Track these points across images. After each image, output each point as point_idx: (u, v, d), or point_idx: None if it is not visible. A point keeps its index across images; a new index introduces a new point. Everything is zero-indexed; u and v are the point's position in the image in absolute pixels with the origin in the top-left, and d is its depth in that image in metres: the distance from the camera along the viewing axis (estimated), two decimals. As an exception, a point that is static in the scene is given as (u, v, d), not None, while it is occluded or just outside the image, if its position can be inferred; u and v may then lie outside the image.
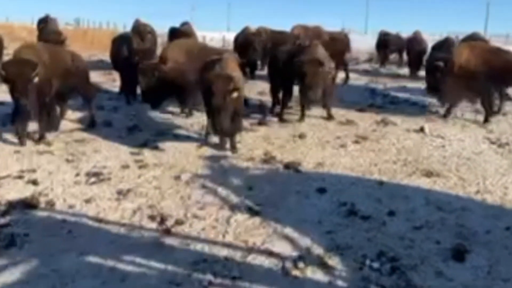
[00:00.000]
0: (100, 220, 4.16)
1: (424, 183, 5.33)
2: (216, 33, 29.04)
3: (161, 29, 13.73)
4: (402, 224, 4.27)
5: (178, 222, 4.12)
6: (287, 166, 5.68)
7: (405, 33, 16.49)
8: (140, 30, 9.09)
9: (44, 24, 12.35)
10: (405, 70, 15.03)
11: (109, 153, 6.03)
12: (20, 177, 5.08)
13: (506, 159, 6.32)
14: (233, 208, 4.47)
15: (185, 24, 12.61)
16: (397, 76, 14.55)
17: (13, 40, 16.03)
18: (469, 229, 4.18)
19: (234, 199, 4.68)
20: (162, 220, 4.16)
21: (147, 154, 6.04)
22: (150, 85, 6.85)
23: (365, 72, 15.27)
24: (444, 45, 10.78)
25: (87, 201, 4.55)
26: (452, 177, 5.55)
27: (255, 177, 5.32)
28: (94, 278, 3.24)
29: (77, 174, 5.28)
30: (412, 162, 6.06)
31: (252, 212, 4.37)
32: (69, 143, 6.38)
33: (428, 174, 5.61)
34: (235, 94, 5.55)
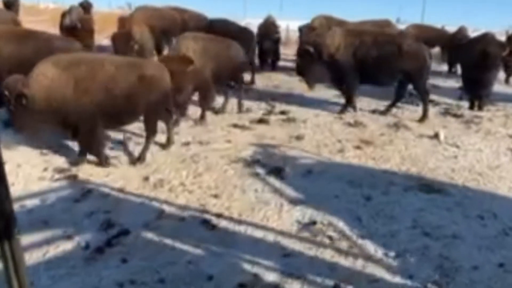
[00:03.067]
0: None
1: (420, 200, 4.72)
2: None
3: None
4: (375, 250, 3.73)
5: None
6: (270, 171, 5.21)
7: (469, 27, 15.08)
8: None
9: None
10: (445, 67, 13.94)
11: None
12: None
13: (526, 176, 5.56)
14: (183, 219, 4.08)
15: None
16: (432, 73, 13.46)
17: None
18: (453, 263, 3.60)
19: (189, 211, 4.28)
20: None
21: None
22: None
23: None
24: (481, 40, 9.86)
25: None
26: (455, 195, 4.89)
27: (224, 183, 4.88)
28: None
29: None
30: (414, 174, 5.43)
31: (209, 226, 3.96)
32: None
33: (428, 189, 4.98)
34: None
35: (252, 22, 14.33)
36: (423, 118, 7.72)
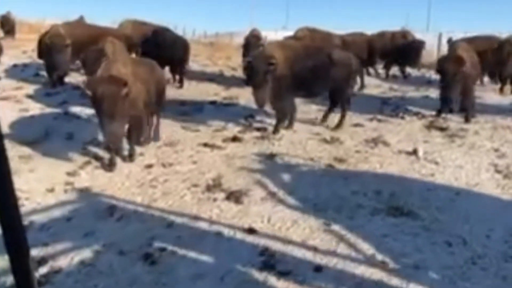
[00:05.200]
0: None
1: (386, 225, 4.41)
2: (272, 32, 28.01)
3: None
4: (325, 284, 3.42)
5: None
6: (230, 196, 4.93)
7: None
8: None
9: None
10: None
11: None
12: None
13: (506, 195, 5.23)
14: (123, 253, 3.80)
15: None
16: (427, 83, 13.13)
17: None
18: (409, 300, 3.28)
19: (133, 244, 4.01)
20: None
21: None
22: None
23: (390, 79, 14.01)
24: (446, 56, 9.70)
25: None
26: (425, 218, 4.57)
27: (179, 210, 4.61)
28: None
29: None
30: (385, 195, 5.12)
31: (148, 262, 3.68)
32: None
33: (397, 213, 4.66)
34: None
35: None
36: (339, 125, 7.76)
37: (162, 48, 10.84)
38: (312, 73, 7.27)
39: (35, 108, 8.57)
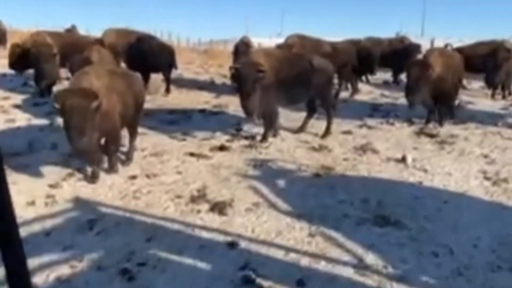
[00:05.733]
0: None
1: (371, 235, 4.33)
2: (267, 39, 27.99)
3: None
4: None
5: None
6: (214, 207, 4.84)
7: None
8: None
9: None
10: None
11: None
12: None
13: (495, 202, 5.17)
14: (100, 268, 3.69)
15: None
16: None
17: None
18: (392, 313, 3.19)
19: (112, 259, 3.90)
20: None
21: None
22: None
23: (381, 85, 13.99)
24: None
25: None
26: (412, 228, 4.49)
27: (161, 222, 4.51)
28: None
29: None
30: (372, 203, 5.04)
31: (126, 278, 3.58)
32: None
33: (384, 222, 4.59)
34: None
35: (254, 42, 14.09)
36: (327, 132, 7.73)
37: (147, 56, 10.86)
38: (295, 81, 7.22)
39: (22, 119, 8.46)
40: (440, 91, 8.18)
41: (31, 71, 10.40)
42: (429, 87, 7.84)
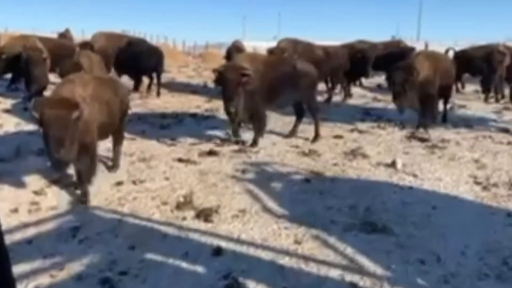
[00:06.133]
0: None
1: (358, 242, 4.27)
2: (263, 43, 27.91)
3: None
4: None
5: None
6: (199, 214, 4.77)
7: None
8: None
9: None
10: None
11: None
12: None
13: (484, 208, 5.12)
14: (81, 278, 3.62)
15: None
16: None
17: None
18: (376, 323, 3.13)
19: (93, 268, 3.83)
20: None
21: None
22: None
23: (375, 89, 13.97)
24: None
25: None
26: (400, 234, 4.44)
27: (145, 230, 4.44)
28: None
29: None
30: (360, 209, 4.99)
31: (107, 285, 3.51)
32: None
33: (371, 228, 4.53)
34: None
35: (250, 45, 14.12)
36: (316, 137, 7.70)
37: (136, 59, 10.89)
38: (280, 85, 7.20)
39: (11, 124, 8.39)
40: (427, 95, 8.09)
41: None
42: (416, 91, 7.78)
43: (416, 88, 7.74)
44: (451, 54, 11.64)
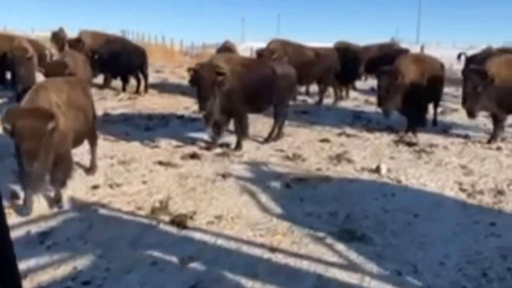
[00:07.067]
0: None
1: (335, 251, 4.14)
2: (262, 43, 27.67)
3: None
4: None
5: None
6: (173, 221, 4.64)
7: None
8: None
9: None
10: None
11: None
12: None
13: (468, 216, 4.99)
14: None
15: None
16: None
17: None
18: None
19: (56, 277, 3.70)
20: None
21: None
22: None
23: (367, 91, 13.84)
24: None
25: None
26: (378, 243, 4.32)
27: (118, 236, 4.30)
28: None
29: None
30: (340, 217, 4.86)
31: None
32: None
33: (349, 237, 4.40)
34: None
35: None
36: (278, 136, 7.70)
37: (120, 57, 10.98)
38: (258, 87, 7.08)
39: (-6, 124, 8.22)
40: (414, 98, 7.95)
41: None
42: (401, 95, 7.66)
43: (401, 92, 7.62)
44: (463, 58, 11.50)
